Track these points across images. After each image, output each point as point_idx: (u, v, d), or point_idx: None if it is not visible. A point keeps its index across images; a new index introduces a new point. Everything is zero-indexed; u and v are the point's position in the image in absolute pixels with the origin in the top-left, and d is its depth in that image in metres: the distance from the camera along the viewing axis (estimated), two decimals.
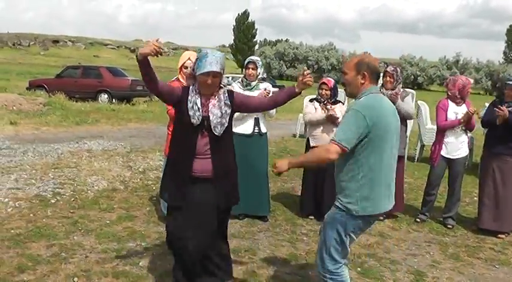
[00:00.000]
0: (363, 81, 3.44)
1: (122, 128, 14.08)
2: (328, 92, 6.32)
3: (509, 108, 5.93)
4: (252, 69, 6.03)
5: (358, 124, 3.24)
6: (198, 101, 3.72)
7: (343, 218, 3.39)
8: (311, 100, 6.51)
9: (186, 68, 5.57)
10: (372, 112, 3.28)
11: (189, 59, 5.58)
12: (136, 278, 4.36)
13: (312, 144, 6.32)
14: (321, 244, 3.54)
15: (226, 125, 3.82)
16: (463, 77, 6.46)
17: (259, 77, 6.14)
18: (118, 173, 8.11)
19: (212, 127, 3.73)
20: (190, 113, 3.67)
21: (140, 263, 4.66)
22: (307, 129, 6.66)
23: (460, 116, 6.19)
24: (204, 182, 3.77)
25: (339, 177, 3.44)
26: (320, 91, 6.36)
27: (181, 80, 5.61)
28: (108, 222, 5.81)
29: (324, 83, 6.39)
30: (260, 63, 6.22)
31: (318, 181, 6.32)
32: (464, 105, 6.29)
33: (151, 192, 7.17)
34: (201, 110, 3.70)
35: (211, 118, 3.72)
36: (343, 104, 6.49)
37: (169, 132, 5.64)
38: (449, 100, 6.34)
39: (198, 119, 3.68)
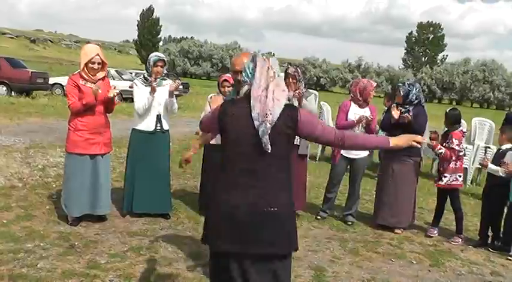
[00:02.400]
0: None
1: (20, 122, 13.48)
2: (231, 89, 6.33)
3: (404, 114, 6.28)
4: (161, 66, 5.98)
5: None
6: None
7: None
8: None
9: (94, 63, 5.45)
10: None
11: (97, 54, 5.46)
12: (34, 281, 4.21)
13: (212, 141, 6.33)
14: None
15: None
16: (365, 80, 6.73)
17: (163, 73, 6.11)
18: (16, 170, 7.77)
19: None
20: None
21: (38, 265, 4.50)
22: None
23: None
24: None
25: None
26: (222, 89, 6.30)
27: (84, 75, 5.46)
28: (5, 221, 5.57)
29: (225, 80, 6.32)
30: (166, 60, 6.20)
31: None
32: (367, 108, 6.55)
33: (51, 190, 6.94)
34: None
35: None
36: None
37: (70, 127, 5.51)
38: (352, 102, 6.58)
39: None
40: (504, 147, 6.22)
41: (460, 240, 6.35)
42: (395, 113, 6.27)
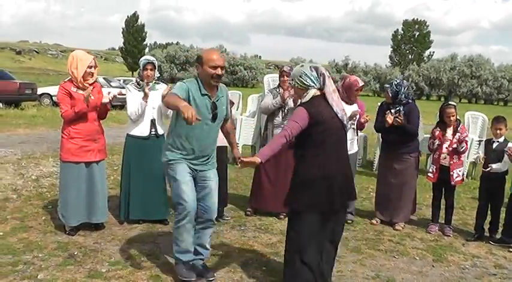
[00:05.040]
0: None
1: (10, 134, 13.37)
2: None
3: (396, 113, 6.27)
4: (150, 70, 5.91)
5: None
6: None
7: None
8: None
9: (91, 67, 5.40)
10: None
11: (93, 58, 5.43)
12: None
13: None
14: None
15: None
16: (352, 77, 6.67)
17: (155, 77, 6.03)
18: (9, 182, 7.68)
19: None
20: None
21: (39, 276, 4.42)
22: None
23: (348, 114, 6.43)
24: None
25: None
26: None
27: (78, 83, 5.38)
28: (1, 234, 5.48)
29: None
30: (156, 63, 6.13)
31: None
32: (355, 104, 6.54)
33: (46, 201, 6.85)
34: None
35: None
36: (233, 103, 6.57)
37: (64, 136, 5.44)
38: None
39: None
40: (501, 139, 6.17)
41: (451, 230, 6.42)
42: (390, 119, 6.25)
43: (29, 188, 7.52)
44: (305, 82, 4.05)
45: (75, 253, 5.01)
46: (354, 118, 6.37)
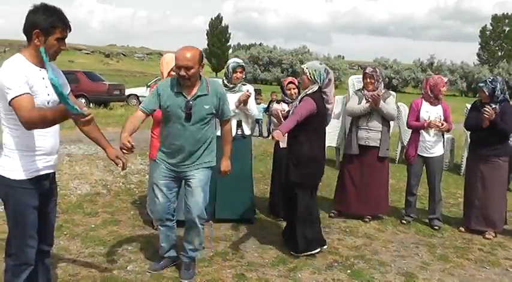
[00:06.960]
0: (201, 70, 4.26)
1: None
2: (296, 90, 6.36)
3: (491, 107, 5.99)
4: (240, 72, 5.99)
5: None
6: None
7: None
8: (278, 102, 6.57)
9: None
10: None
11: None
12: None
13: (281, 145, 6.29)
14: (203, 199, 4.35)
15: None
16: (436, 76, 6.55)
17: (242, 79, 6.12)
18: (100, 177, 7.98)
19: None
20: None
21: (128, 267, 4.58)
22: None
23: (432, 116, 6.24)
24: None
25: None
26: (288, 91, 6.39)
27: None
28: (93, 226, 5.72)
29: (290, 82, 6.44)
30: (244, 65, 6.21)
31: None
32: (440, 106, 6.35)
33: (134, 196, 7.09)
34: None
35: None
36: None
37: (154, 135, 5.58)
38: (423, 100, 6.40)
39: None
40: None
41: None
42: (487, 114, 5.89)
43: (118, 183, 7.79)
44: (315, 77, 5.04)
45: None
46: (439, 123, 6.18)
